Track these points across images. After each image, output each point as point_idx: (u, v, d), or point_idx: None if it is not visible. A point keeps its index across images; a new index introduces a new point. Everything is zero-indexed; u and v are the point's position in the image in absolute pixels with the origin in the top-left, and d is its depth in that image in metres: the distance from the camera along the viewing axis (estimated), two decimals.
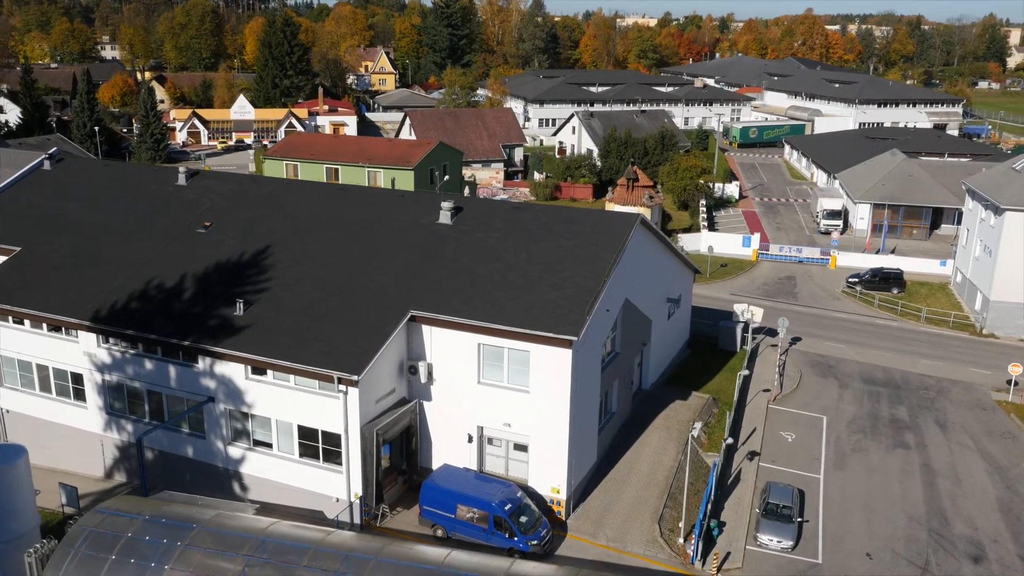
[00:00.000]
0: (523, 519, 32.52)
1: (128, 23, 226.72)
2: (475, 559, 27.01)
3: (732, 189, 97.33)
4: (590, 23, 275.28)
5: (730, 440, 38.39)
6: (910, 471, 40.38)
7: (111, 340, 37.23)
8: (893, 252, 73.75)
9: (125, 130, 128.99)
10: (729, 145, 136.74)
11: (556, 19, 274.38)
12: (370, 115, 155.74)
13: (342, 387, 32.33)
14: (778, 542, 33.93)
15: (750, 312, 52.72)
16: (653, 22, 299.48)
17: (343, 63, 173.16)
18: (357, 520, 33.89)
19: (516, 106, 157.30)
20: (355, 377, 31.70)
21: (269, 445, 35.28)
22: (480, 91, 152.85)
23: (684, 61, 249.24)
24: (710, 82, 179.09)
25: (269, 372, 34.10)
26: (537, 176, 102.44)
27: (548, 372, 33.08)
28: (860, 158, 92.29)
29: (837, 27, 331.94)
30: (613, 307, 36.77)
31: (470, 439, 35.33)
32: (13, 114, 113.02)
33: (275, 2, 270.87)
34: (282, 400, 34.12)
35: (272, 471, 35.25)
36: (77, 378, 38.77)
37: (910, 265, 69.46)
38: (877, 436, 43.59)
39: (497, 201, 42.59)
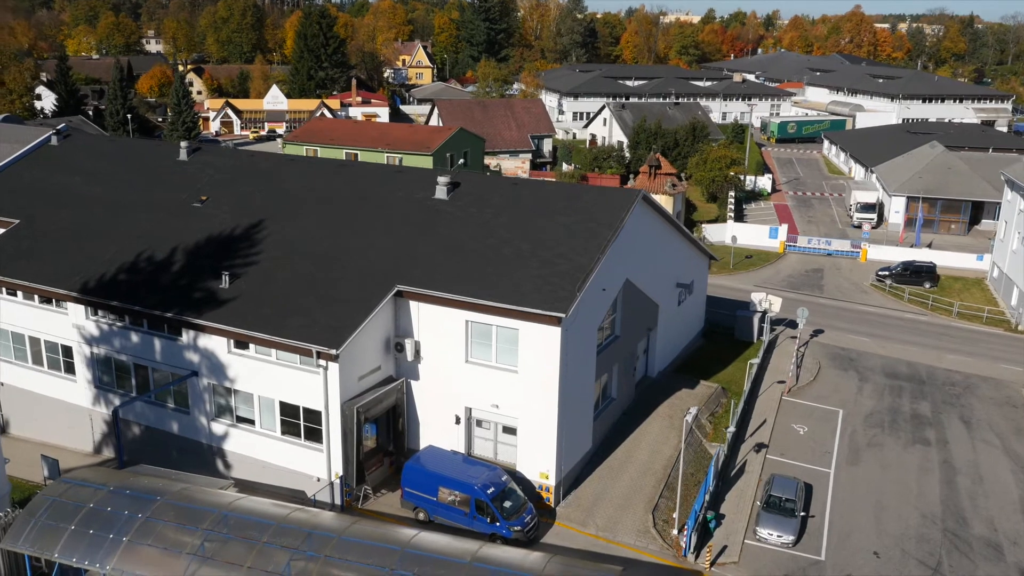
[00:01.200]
0: (507, 504, 31.11)
1: (172, 17, 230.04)
2: (442, 541, 25.71)
3: (764, 182, 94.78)
4: (632, 20, 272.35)
5: (732, 429, 36.53)
6: (928, 468, 38.12)
7: (100, 312, 36.65)
8: (929, 246, 70.81)
9: (160, 119, 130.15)
10: (767, 140, 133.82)
11: (597, 16, 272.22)
12: (404, 107, 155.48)
13: (322, 362, 31.24)
14: (778, 537, 32.05)
15: (768, 302, 50.67)
16: (696, 19, 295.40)
17: (379, 56, 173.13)
18: (338, 501, 32.78)
19: (551, 100, 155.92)
20: (334, 351, 30.58)
21: (252, 422, 34.36)
22: (515, 85, 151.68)
23: (726, 58, 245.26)
24: (750, 77, 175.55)
25: (251, 346, 33.18)
26: (565, 167, 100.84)
27: (537, 351, 31.63)
28: (899, 152, 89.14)
29: (887, 26, 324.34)
30: (611, 287, 35.17)
31: (457, 420, 34.01)
32: (49, 101, 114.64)
33: None
34: (264, 375, 33.16)
35: (255, 449, 34.33)
36: (67, 351, 38.31)
37: (944, 259, 66.56)
38: (896, 431, 41.34)
39: (496, 177, 41.12)
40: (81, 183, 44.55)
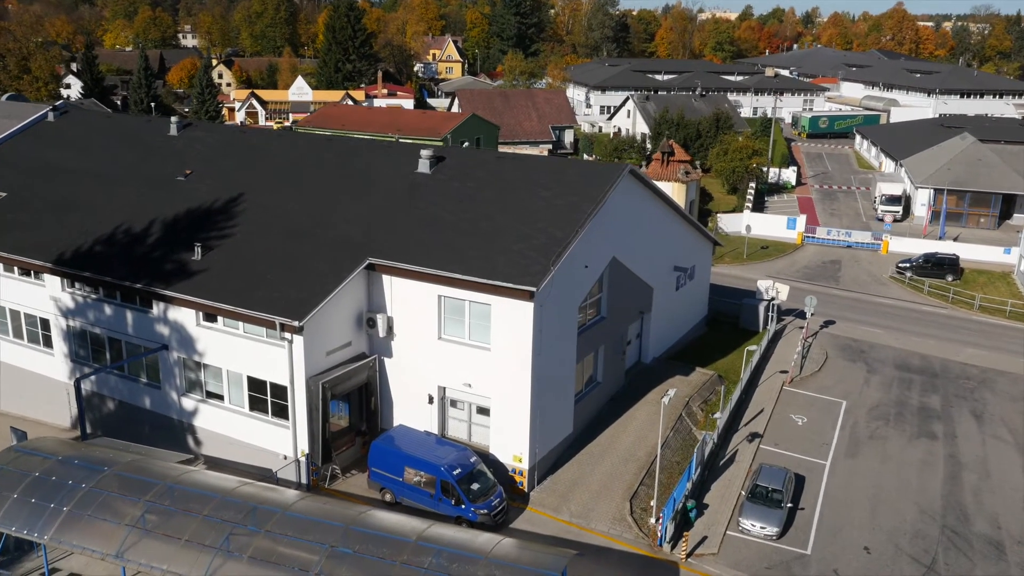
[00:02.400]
0: (474, 486, 29.80)
1: (207, 12, 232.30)
2: (391, 519, 24.51)
3: (789, 175, 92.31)
4: (668, 16, 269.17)
5: (719, 415, 34.84)
6: (932, 462, 36.06)
7: (76, 285, 36.05)
8: (955, 240, 68.04)
9: (187, 109, 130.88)
10: (797, 135, 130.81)
11: (633, 12, 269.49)
12: (431, 100, 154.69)
13: (287, 335, 30.22)
14: (761, 528, 30.33)
15: (775, 290, 48.75)
16: (733, 16, 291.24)
17: (408, 50, 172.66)
18: (304, 479, 31.75)
19: (578, 93, 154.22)
20: (296, 323, 29.53)
21: (221, 397, 33.48)
22: (544, 79, 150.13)
23: (762, 55, 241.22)
24: (784, 73, 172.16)
25: (220, 319, 32.27)
26: (586, 158, 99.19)
27: (509, 327, 30.29)
28: (931, 145, 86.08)
29: (931, 24, 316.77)
30: (595, 264, 33.70)
31: (431, 400, 32.79)
32: (76, 90, 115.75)
33: None
34: (232, 349, 32.24)
35: (224, 425, 33.46)
36: (45, 324, 37.82)
37: (969, 252, 63.89)
38: (901, 424, 39.28)
39: (481, 152, 39.83)
40: (71, 157, 44.16)
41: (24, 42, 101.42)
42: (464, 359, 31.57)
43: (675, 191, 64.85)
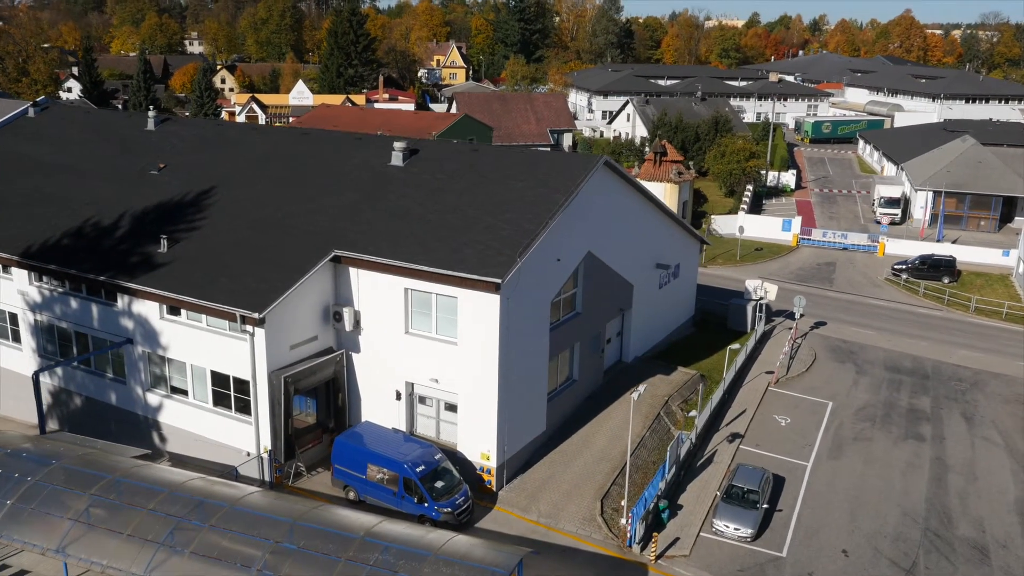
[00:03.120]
0: (438, 484, 28.95)
1: (213, 19, 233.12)
2: (341, 515, 23.69)
3: (788, 178, 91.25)
4: (674, 24, 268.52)
5: (694, 413, 33.88)
6: (917, 464, 35.01)
7: (44, 279, 35.43)
8: (955, 243, 66.89)
9: (187, 113, 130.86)
10: (801, 140, 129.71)
11: (639, 20, 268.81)
12: (433, 105, 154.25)
13: (248, 328, 29.47)
14: (735, 529, 29.36)
15: (763, 290, 47.80)
16: (740, 23, 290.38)
17: (411, 55, 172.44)
18: (268, 477, 30.95)
19: (581, 99, 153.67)
20: (255, 315, 28.78)
21: (185, 392, 32.74)
22: (548, 85, 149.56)
23: (768, 62, 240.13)
24: (789, 78, 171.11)
25: (183, 312, 31.56)
26: None
27: (476, 321, 29.49)
28: (933, 149, 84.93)
29: (940, 32, 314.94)
30: (568, 258, 32.86)
31: (398, 396, 31.98)
32: (76, 93, 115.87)
33: (367, 1, 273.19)
34: (195, 343, 31.52)
35: (188, 421, 32.70)
36: (13, 318, 37.19)
37: (967, 254, 62.79)
38: (888, 426, 38.24)
39: (457, 144, 39.16)
40: (48, 152, 43.65)
41: (23, 45, 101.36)
42: (431, 354, 30.78)
43: (667, 192, 64.00)
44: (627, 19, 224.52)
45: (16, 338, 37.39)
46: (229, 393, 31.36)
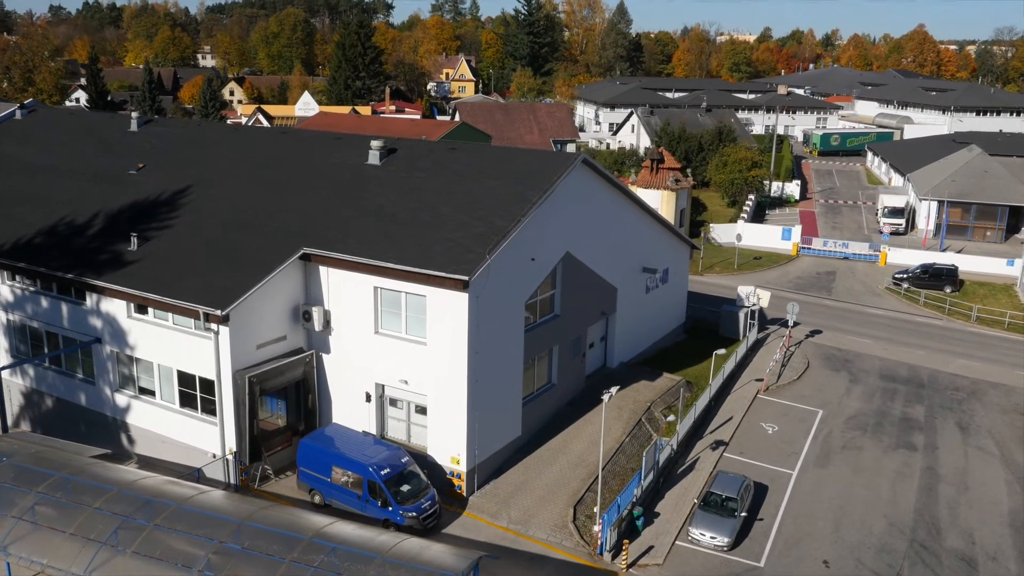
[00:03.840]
0: (404, 487, 28.10)
1: (225, 32, 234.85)
2: (291, 515, 22.91)
3: (792, 188, 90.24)
4: (686, 39, 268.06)
5: (672, 418, 32.89)
6: (907, 474, 33.84)
7: (17, 278, 34.94)
8: (960, 252, 65.55)
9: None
10: (809, 153, 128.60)
11: (651, 35, 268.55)
12: (440, 117, 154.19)
13: (213, 326, 28.80)
14: (712, 538, 28.30)
15: (756, 296, 46.78)
16: (752, 38, 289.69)
17: (419, 68, 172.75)
18: (233, 479, 30.19)
19: (588, 111, 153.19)
20: (218, 312, 28.12)
21: (153, 393, 32.10)
22: (556, 98, 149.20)
23: (779, 75, 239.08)
24: (799, 91, 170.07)
25: (150, 311, 30.96)
26: None
27: (444, 320, 28.72)
28: (940, 159, 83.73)
29: (955, 48, 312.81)
30: (544, 258, 32.06)
31: (368, 398, 31.20)
32: (83, 103, 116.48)
33: (381, 16, 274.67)
34: (162, 342, 30.89)
35: (155, 422, 32.07)
36: None
37: (970, 264, 61.44)
38: (879, 435, 37.09)
39: (435, 143, 38.54)
40: (30, 153, 43.41)
41: (30, 55, 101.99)
42: (401, 354, 30.02)
43: (664, 199, 63.13)
44: (637, 33, 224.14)
45: None
46: (195, 394, 30.69)
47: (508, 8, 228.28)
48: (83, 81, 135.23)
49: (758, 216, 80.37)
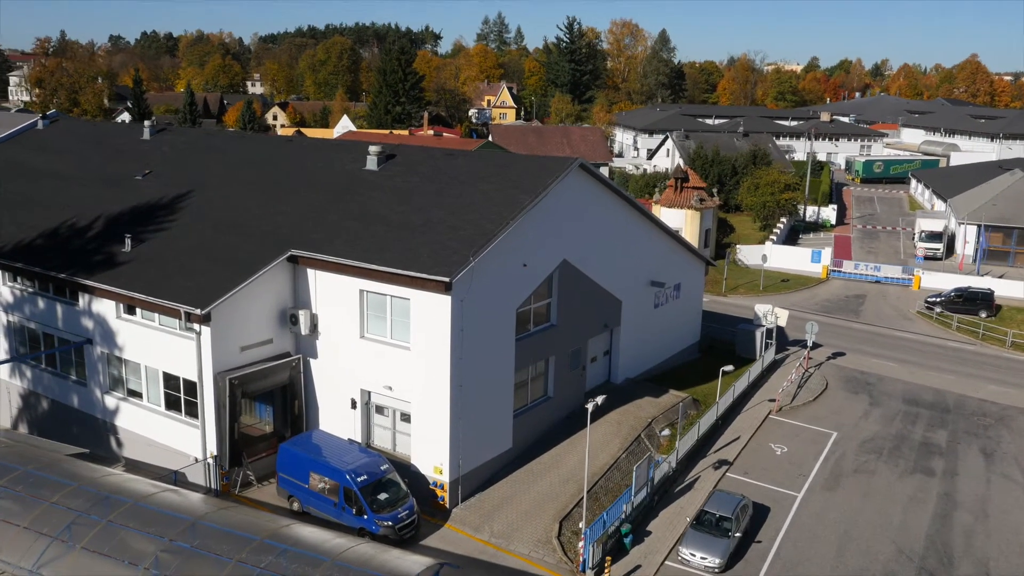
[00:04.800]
0: (381, 496, 27.20)
1: (274, 60, 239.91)
2: (241, 515, 22.17)
3: (828, 213, 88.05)
4: (731, 68, 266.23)
5: (666, 432, 31.51)
6: (922, 500, 31.92)
7: (18, 279, 35.08)
8: (1001, 277, 62.88)
9: None
10: (851, 180, 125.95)
11: (697, 64, 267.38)
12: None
13: (195, 326, 28.41)
14: (702, 559, 26.82)
15: (774, 315, 45.17)
16: (799, 68, 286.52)
17: (460, 94, 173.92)
18: (214, 484, 29.59)
19: (627, 137, 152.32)
20: (198, 311, 27.70)
21: (140, 395, 31.77)
22: (593, 122, 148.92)
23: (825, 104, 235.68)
24: (843, 119, 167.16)
25: (138, 312, 30.72)
26: None
27: (428, 323, 27.94)
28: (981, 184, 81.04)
29: (1010, 78, 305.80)
30: (539, 264, 31.13)
31: (353, 405, 30.46)
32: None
33: (429, 46, 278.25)
34: (148, 343, 30.59)
35: (142, 424, 31.71)
36: None
37: (1008, 288, 58.86)
38: (895, 459, 35.18)
39: (434, 150, 38.00)
40: (46, 160, 43.93)
41: (76, 78, 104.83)
42: (386, 360, 29.28)
43: (688, 218, 61.84)
44: (679, 61, 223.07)
45: None
46: (180, 396, 30.26)
47: (552, 37, 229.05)
48: (129, 104, 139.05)
49: (791, 240, 78.41)
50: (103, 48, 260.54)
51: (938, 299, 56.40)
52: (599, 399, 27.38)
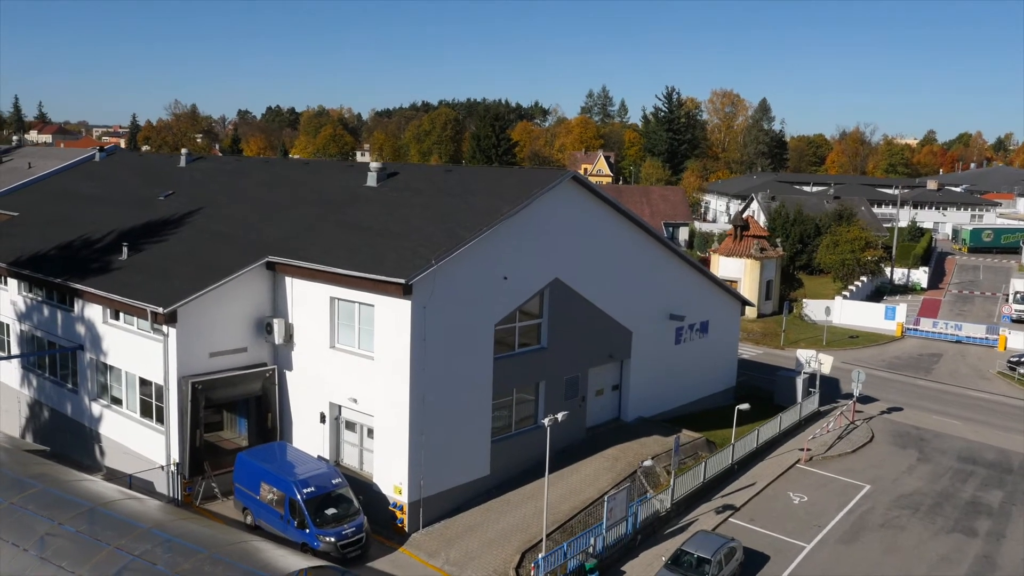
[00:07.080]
0: (328, 510, 25.58)
1: (381, 130, 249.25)
2: (143, 506, 21.01)
3: (919, 275, 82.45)
4: (841, 141, 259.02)
5: (648, 463, 28.62)
6: (955, 560, 27.78)
7: (26, 287, 35.92)
8: None
9: None
10: (958, 249, 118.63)
11: (808, 137, 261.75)
12: None
13: (162, 327, 27.98)
14: None
15: (817, 361, 41.57)
16: (915, 141, 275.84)
17: (555, 161, 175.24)
18: (176, 494, 28.67)
19: (720, 203, 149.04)
20: (161, 309, 27.26)
21: (121, 402, 31.49)
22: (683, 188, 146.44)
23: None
24: (955, 189, 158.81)
25: (122, 316, 30.65)
26: (698, 255, 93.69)
27: (389, 330, 26.61)
28: None
29: None
30: (523, 280, 29.44)
31: (323, 419, 29.17)
32: None
33: (538, 121, 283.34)
34: (128, 347, 30.40)
35: (120, 432, 31.35)
36: (5, 329, 37.87)
37: None
38: (932, 516, 31.01)
39: (435, 167, 37.12)
40: (92, 187, 45.68)
41: (179, 136, 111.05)
42: (352, 371, 28.01)
43: (748, 268, 58.73)
44: (781, 131, 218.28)
45: (4, 348, 37.93)
46: (152, 402, 29.77)
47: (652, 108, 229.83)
48: None
49: (874, 301, 73.42)
50: (233, 122, 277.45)
51: (1021, 359, 51.02)
52: (559, 415, 25.13)
